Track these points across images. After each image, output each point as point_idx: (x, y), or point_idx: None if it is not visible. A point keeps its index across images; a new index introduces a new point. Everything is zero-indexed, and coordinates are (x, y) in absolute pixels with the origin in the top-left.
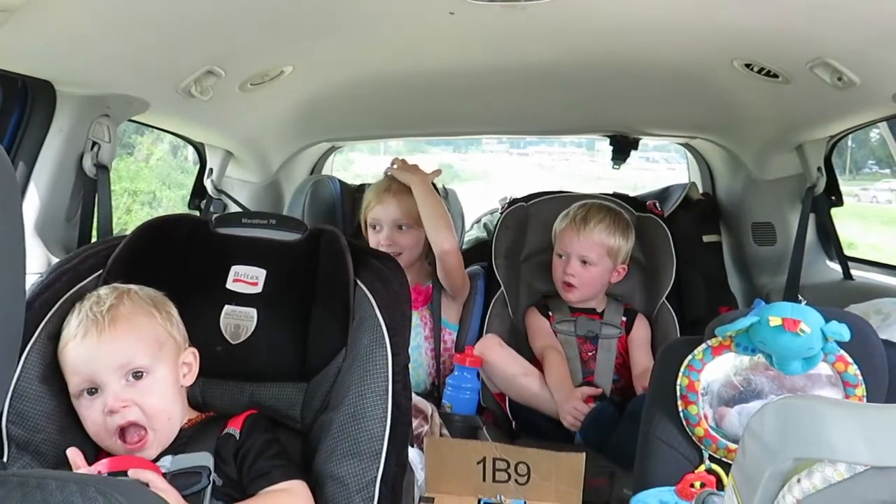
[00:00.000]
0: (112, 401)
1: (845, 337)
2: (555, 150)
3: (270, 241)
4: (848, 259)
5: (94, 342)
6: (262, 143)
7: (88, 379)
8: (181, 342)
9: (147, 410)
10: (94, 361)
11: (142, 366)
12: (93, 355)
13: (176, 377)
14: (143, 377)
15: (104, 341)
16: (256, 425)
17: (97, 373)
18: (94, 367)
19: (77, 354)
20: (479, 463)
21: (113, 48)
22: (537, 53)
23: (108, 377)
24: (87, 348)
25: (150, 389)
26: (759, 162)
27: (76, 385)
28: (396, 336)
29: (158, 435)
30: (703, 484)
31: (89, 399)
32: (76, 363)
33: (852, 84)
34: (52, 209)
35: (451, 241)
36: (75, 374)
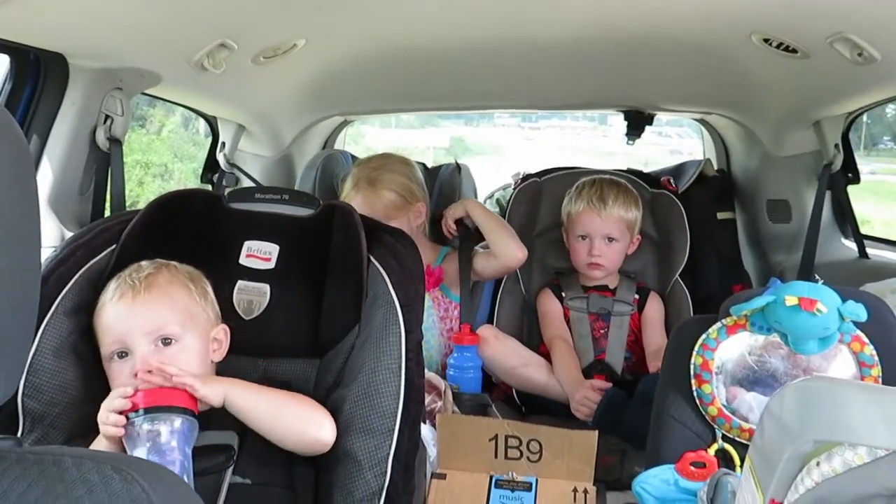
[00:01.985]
0: (140, 363)
1: (862, 317)
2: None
3: (284, 217)
4: (864, 237)
5: (127, 304)
6: (274, 116)
7: (119, 340)
8: (213, 318)
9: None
10: (126, 323)
11: (171, 333)
12: (125, 317)
13: (206, 350)
14: (171, 344)
15: (137, 304)
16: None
17: (128, 334)
18: (125, 329)
19: (111, 315)
20: (491, 440)
21: (126, 21)
22: (552, 27)
23: (138, 340)
24: (121, 310)
25: (178, 357)
26: (776, 138)
27: (108, 346)
28: (410, 313)
29: None
30: (704, 464)
31: (120, 362)
32: (109, 324)
33: (873, 59)
34: (65, 183)
35: (524, 250)
36: (108, 335)
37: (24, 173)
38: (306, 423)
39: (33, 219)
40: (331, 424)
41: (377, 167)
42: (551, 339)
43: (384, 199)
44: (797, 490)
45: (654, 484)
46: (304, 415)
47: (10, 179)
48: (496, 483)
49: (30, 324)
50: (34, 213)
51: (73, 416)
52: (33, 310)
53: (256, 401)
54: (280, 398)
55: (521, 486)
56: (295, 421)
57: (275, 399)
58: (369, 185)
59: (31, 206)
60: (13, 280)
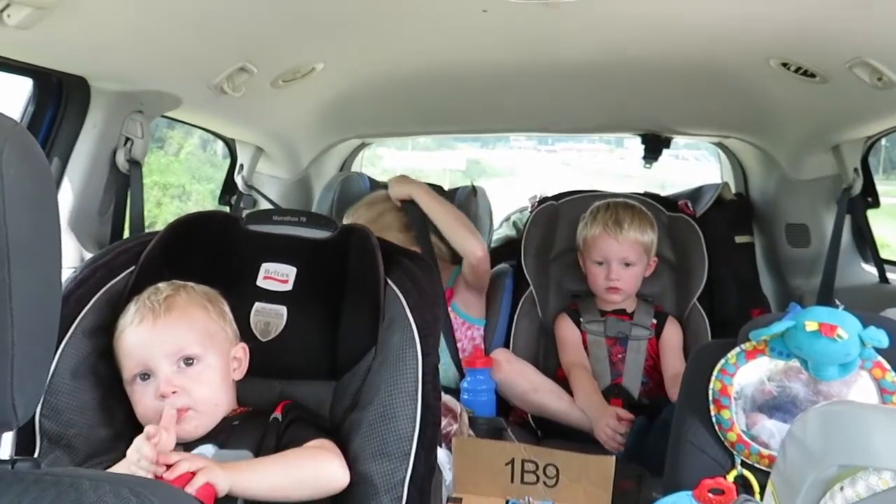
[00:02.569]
0: (164, 385)
1: (884, 343)
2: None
3: (301, 239)
4: (884, 262)
5: (149, 327)
6: (292, 139)
7: (142, 363)
8: (232, 337)
9: (195, 396)
10: (148, 346)
11: (193, 353)
12: (147, 340)
13: (226, 369)
14: (193, 364)
15: (158, 327)
16: (293, 407)
17: (150, 357)
18: (147, 352)
19: (132, 339)
20: (507, 464)
21: (147, 45)
22: (570, 51)
23: (160, 362)
24: (142, 333)
25: (200, 377)
26: (794, 162)
27: (130, 370)
28: (427, 337)
29: (202, 417)
30: (723, 491)
31: (142, 384)
32: (131, 347)
33: (892, 84)
34: (85, 204)
35: (482, 247)
36: (129, 359)
37: (46, 195)
38: (318, 482)
39: (55, 240)
40: (342, 469)
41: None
42: (569, 365)
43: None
44: None
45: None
46: (315, 473)
47: (33, 201)
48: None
49: (50, 345)
50: (56, 235)
51: (91, 436)
52: (53, 331)
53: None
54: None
55: None
56: (307, 484)
57: (282, 472)
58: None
59: (53, 228)
60: (34, 302)
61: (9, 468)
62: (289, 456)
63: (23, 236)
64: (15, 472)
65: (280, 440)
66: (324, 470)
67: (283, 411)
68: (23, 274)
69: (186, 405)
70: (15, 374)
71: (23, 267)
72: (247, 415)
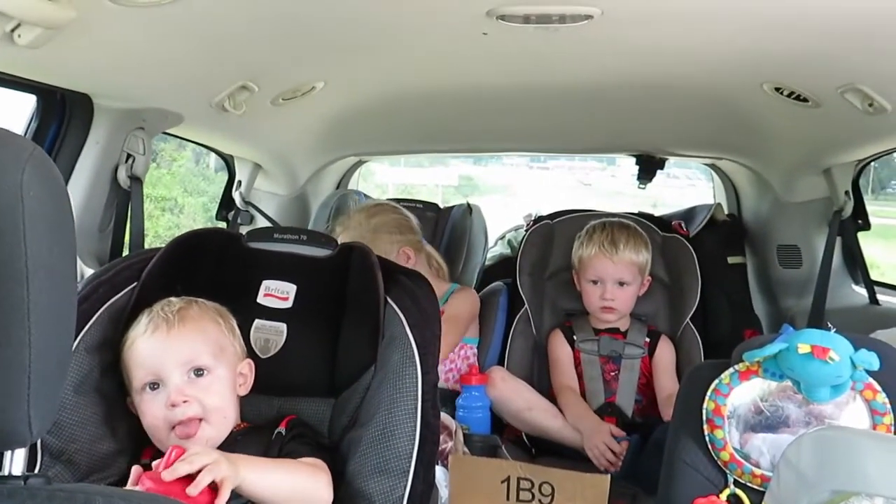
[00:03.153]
0: (175, 394)
1: (875, 366)
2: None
3: (301, 257)
4: (874, 283)
5: (162, 337)
6: (290, 156)
7: (153, 372)
8: (240, 353)
9: (206, 406)
10: (161, 355)
11: (204, 364)
12: (160, 349)
13: (234, 383)
14: (204, 375)
15: (172, 337)
16: (298, 423)
17: (162, 366)
18: (160, 361)
19: (145, 348)
20: (503, 482)
21: (151, 64)
22: (567, 74)
23: (171, 372)
24: (155, 343)
25: (211, 388)
26: (786, 184)
27: (140, 379)
28: (426, 355)
29: (213, 430)
30: None
31: (151, 393)
32: (143, 356)
33: (883, 110)
34: (86, 220)
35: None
36: (140, 368)
37: (64, 216)
38: (309, 495)
39: (71, 260)
40: (329, 491)
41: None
42: (559, 387)
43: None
44: None
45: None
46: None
47: (52, 222)
48: None
49: (65, 363)
50: (72, 255)
51: (92, 451)
52: (68, 349)
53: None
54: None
55: None
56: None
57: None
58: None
59: (70, 248)
60: (51, 320)
61: (21, 484)
62: (289, 464)
63: (42, 256)
64: (27, 487)
65: (279, 453)
66: (315, 488)
67: (288, 426)
68: (41, 293)
69: (197, 415)
70: (32, 391)
71: (41, 286)
72: (249, 430)
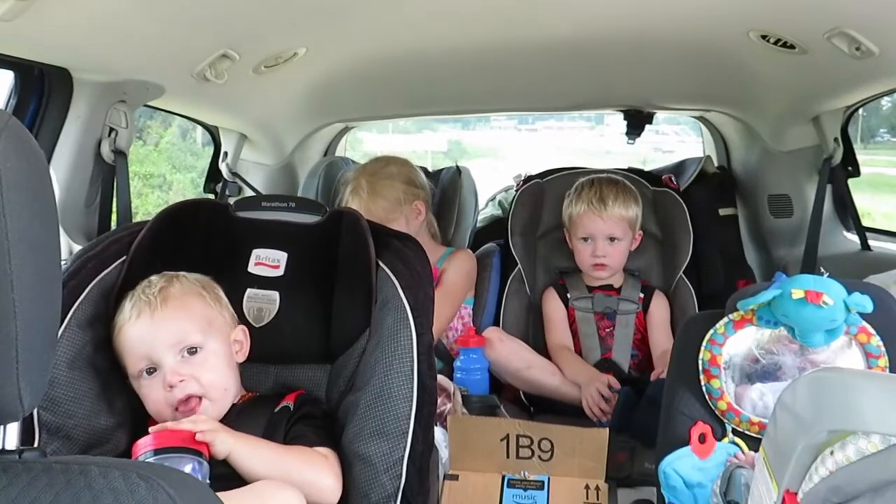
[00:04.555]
0: (170, 376)
1: (868, 308)
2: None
3: (291, 224)
4: (866, 229)
5: (147, 321)
6: (276, 125)
7: (146, 357)
8: (230, 321)
9: (204, 383)
10: (150, 340)
11: (195, 342)
12: (148, 334)
13: (229, 353)
14: (196, 353)
15: (157, 320)
16: (307, 400)
17: (153, 350)
18: (150, 345)
19: (133, 335)
20: (502, 440)
21: (129, 34)
22: (551, 29)
23: (163, 354)
24: (142, 328)
25: (205, 364)
26: (775, 134)
27: (134, 366)
28: (420, 316)
29: (214, 405)
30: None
31: (149, 378)
32: (132, 343)
33: (871, 54)
34: (71, 196)
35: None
36: (132, 355)
37: (42, 185)
38: (306, 488)
39: (53, 230)
40: (336, 485)
41: (373, 172)
42: (554, 346)
43: (379, 204)
44: (812, 480)
45: (682, 465)
46: (305, 480)
47: (30, 192)
48: (508, 483)
49: (53, 335)
50: (54, 224)
51: (90, 426)
52: (56, 321)
53: (259, 462)
54: (285, 465)
55: (534, 485)
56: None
57: (278, 463)
58: (365, 189)
59: (51, 218)
60: (36, 291)
61: (16, 458)
62: (290, 452)
63: (23, 228)
64: (23, 461)
65: (288, 433)
66: (318, 481)
67: (297, 402)
68: (24, 265)
69: (197, 392)
70: (20, 365)
71: (23, 257)
72: (254, 400)
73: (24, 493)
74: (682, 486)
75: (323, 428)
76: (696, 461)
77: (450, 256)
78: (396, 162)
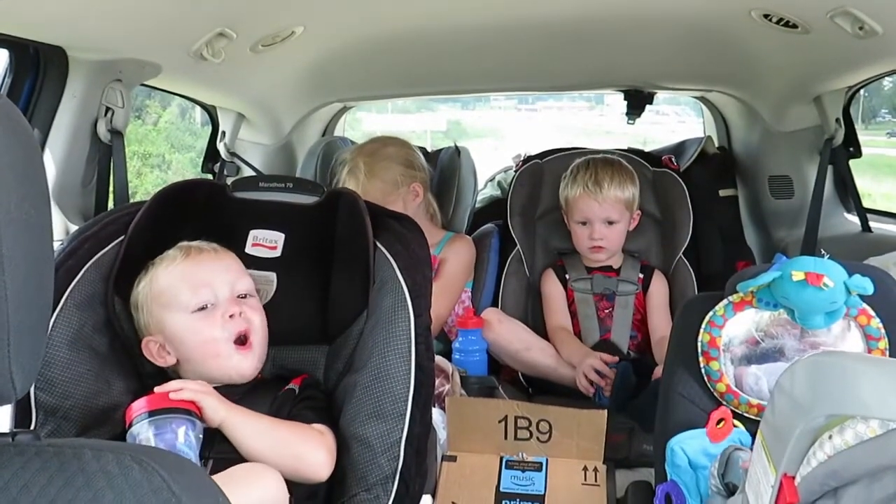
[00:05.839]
0: (233, 305)
1: (869, 290)
2: (564, 104)
3: (288, 205)
4: (866, 211)
5: (211, 258)
6: (273, 104)
7: (206, 286)
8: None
9: (254, 324)
10: (210, 277)
11: (247, 288)
12: (208, 271)
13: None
14: (247, 297)
15: (220, 259)
16: (311, 384)
17: (213, 285)
18: (210, 281)
19: (193, 269)
20: (500, 421)
21: (125, 12)
22: (552, 8)
23: (224, 291)
24: (204, 264)
25: (255, 307)
26: (776, 114)
27: (193, 298)
28: (418, 298)
29: (255, 353)
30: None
31: (203, 313)
32: (194, 277)
33: (874, 33)
34: (68, 176)
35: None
36: (194, 286)
37: (34, 164)
38: (298, 463)
39: (44, 210)
40: (328, 460)
41: (370, 153)
42: (553, 327)
43: (376, 185)
44: (809, 464)
45: (691, 446)
46: (299, 453)
47: (21, 173)
48: (506, 464)
49: (45, 316)
50: (45, 205)
51: (86, 408)
52: (48, 302)
53: (252, 431)
54: (277, 436)
55: (532, 466)
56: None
57: (271, 434)
58: (362, 170)
59: (42, 198)
60: (28, 272)
61: (9, 441)
62: (283, 424)
63: (13, 208)
64: (16, 444)
65: (289, 413)
66: (309, 455)
67: (302, 385)
68: (15, 246)
69: (248, 330)
70: (12, 346)
71: (14, 239)
72: (257, 383)
73: (17, 477)
74: (686, 466)
75: (324, 409)
76: (707, 444)
77: (448, 244)
78: (394, 143)
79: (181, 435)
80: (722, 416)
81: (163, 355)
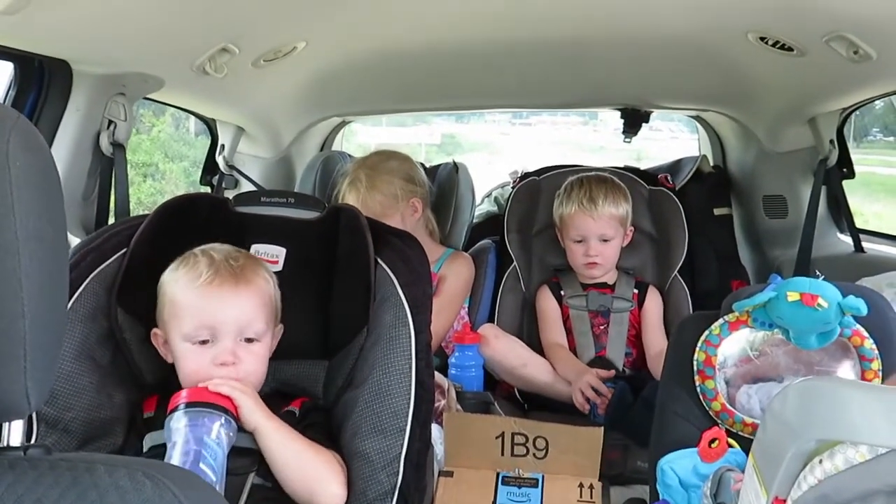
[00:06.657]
0: (228, 355)
1: (863, 311)
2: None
3: (290, 220)
4: (859, 231)
5: (230, 292)
6: (273, 118)
7: (208, 327)
8: (278, 314)
9: (248, 371)
10: (220, 315)
11: (257, 333)
12: (220, 307)
13: (270, 349)
14: (253, 342)
15: (238, 295)
16: (312, 408)
17: (218, 324)
18: (218, 320)
19: (203, 302)
20: (497, 437)
21: (129, 27)
22: (550, 27)
23: (228, 335)
24: (217, 298)
25: (256, 354)
26: (771, 134)
27: (192, 330)
28: (419, 314)
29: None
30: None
31: (200, 347)
32: (200, 310)
33: (868, 58)
34: (69, 188)
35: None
36: (195, 319)
37: (51, 184)
38: (316, 486)
39: (61, 228)
40: (341, 492)
41: (372, 166)
42: (548, 344)
43: (376, 198)
44: (800, 487)
45: (681, 465)
46: (321, 477)
47: (40, 190)
48: (503, 480)
49: (60, 332)
50: (61, 223)
51: (88, 420)
52: (63, 318)
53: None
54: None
55: (528, 483)
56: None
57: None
58: (363, 182)
59: (59, 216)
60: (44, 290)
61: (21, 454)
62: (312, 445)
63: (32, 226)
64: (28, 458)
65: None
66: (329, 480)
67: (302, 409)
68: (32, 263)
69: (237, 380)
70: (28, 363)
71: (32, 256)
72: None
73: (31, 491)
74: (677, 486)
75: (330, 438)
76: (698, 463)
77: (448, 261)
78: (397, 157)
79: (214, 430)
80: (715, 436)
81: (164, 352)
